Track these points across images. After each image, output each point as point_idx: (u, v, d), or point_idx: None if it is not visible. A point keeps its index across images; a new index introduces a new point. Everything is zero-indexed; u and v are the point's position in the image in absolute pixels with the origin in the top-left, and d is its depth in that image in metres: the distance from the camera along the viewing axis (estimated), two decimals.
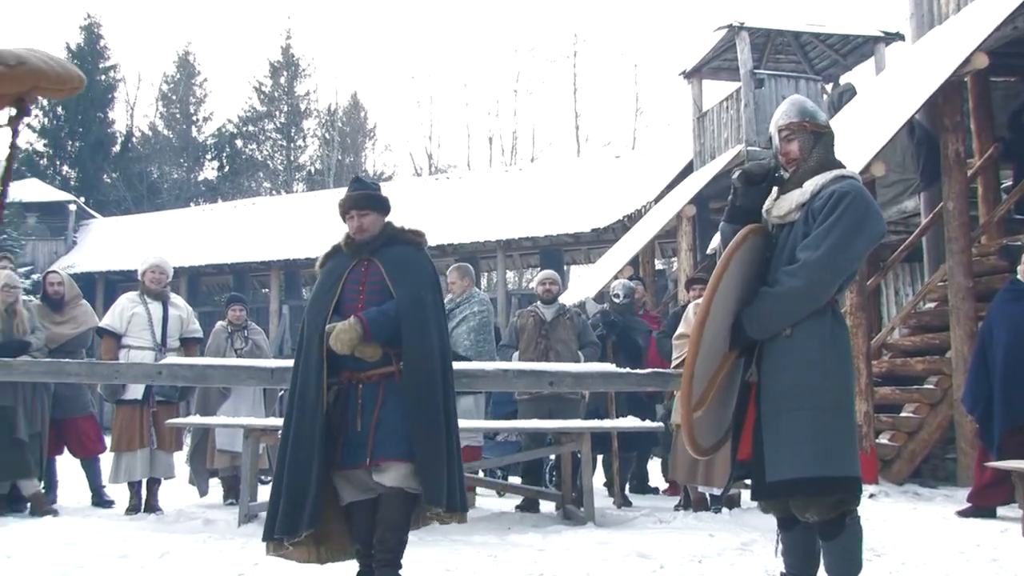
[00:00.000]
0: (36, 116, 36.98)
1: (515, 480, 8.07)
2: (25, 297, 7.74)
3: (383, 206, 4.15)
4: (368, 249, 4.05)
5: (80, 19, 39.82)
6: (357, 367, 3.83)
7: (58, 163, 36.75)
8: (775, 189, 3.48)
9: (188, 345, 7.33)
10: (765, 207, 3.49)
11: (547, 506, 7.11)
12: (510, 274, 25.82)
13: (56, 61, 1.68)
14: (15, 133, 1.72)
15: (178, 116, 41.43)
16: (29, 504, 6.95)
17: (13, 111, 1.65)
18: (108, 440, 7.28)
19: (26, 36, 56.74)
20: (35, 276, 17.54)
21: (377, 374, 3.84)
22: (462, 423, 6.22)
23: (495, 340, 7.62)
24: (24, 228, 24.22)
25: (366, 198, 4.10)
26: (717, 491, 6.26)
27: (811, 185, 3.35)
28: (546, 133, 63.73)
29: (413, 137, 62.20)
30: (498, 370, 5.82)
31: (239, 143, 41.23)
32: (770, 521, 3.74)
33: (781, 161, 3.48)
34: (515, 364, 6.77)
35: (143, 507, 6.94)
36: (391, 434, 3.72)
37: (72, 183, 34.84)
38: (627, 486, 8.14)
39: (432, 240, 16.45)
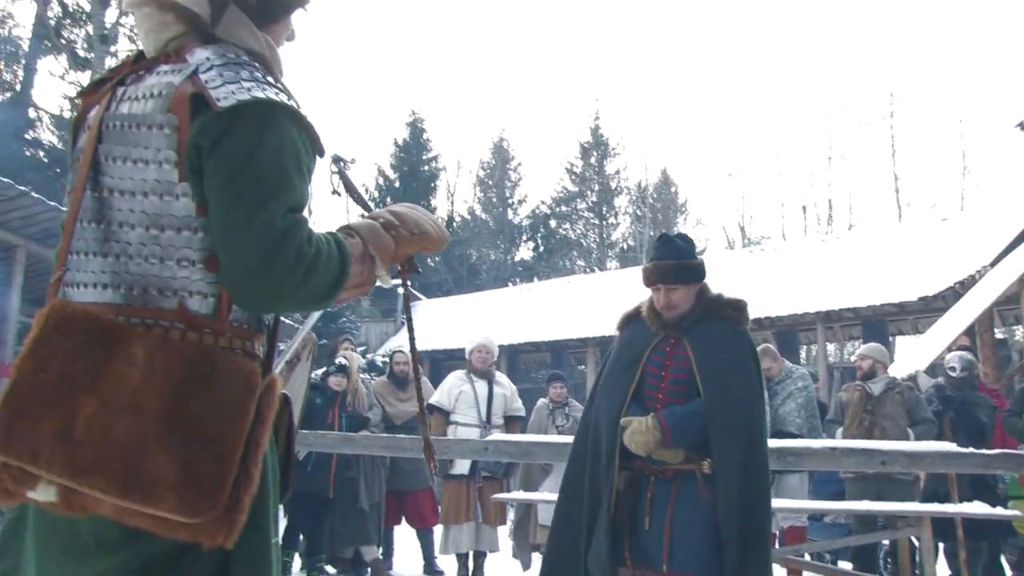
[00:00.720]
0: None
1: (845, 565, 7.58)
2: (364, 376, 8.40)
3: (697, 275, 3.63)
4: (678, 326, 3.59)
5: (406, 116, 43.55)
6: (651, 459, 3.45)
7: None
8: None
9: (511, 423, 7.59)
10: None
11: None
12: (831, 347, 24.60)
13: (436, 224, 1.94)
14: (407, 285, 2.04)
15: (494, 200, 43.72)
16: (369, 569, 7.45)
17: (406, 266, 1.96)
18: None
19: (361, 135, 62.87)
20: (369, 356, 19.05)
21: (672, 470, 3.46)
22: (787, 503, 5.95)
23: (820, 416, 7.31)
24: (359, 311, 26.44)
25: (676, 270, 3.57)
26: None
27: None
28: (864, 199, 61.12)
29: (725, 209, 62.16)
30: (825, 448, 5.52)
31: (553, 223, 42.80)
32: None
33: None
34: (844, 442, 6.40)
35: None
36: (688, 544, 3.34)
37: (399, 267, 37.70)
38: None
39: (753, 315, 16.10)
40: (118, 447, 1.44)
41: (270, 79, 1.68)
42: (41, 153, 26.43)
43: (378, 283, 1.88)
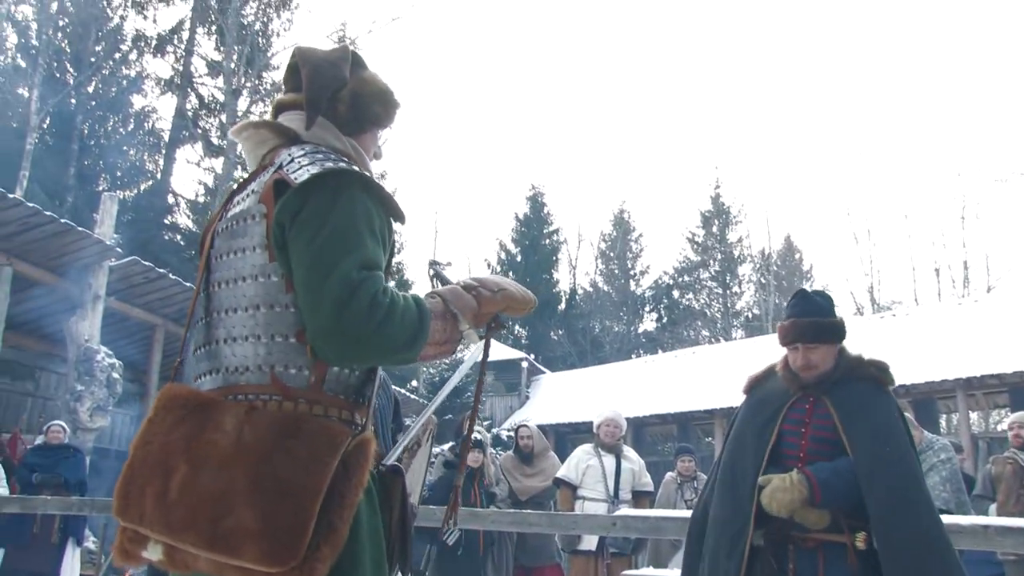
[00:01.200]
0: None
1: None
2: (491, 450, 8.42)
3: (838, 334, 3.39)
4: (818, 386, 3.33)
5: (526, 190, 44.14)
6: (792, 525, 3.15)
7: (510, 323, 40.28)
8: None
9: (640, 498, 7.46)
10: None
11: None
12: (973, 415, 23.45)
13: (520, 287, 2.07)
14: (488, 343, 2.13)
15: (616, 271, 43.71)
16: None
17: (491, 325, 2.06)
18: None
19: (482, 211, 64.05)
20: (494, 430, 19.10)
21: (815, 539, 3.14)
22: None
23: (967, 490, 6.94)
24: (484, 387, 26.55)
25: (815, 328, 3.34)
26: None
27: None
28: (1002, 259, 58.57)
29: (852, 275, 60.44)
30: (976, 525, 5.22)
31: (676, 293, 42.50)
32: None
33: None
34: (998, 519, 6.06)
35: None
36: None
37: (523, 341, 37.92)
38: None
39: None
40: (205, 505, 1.57)
41: (345, 159, 1.86)
42: (178, 237, 27.92)
43: (466, 340, 1.98)
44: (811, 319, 3.36)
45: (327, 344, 1.66)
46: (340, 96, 1.97)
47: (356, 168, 1.81)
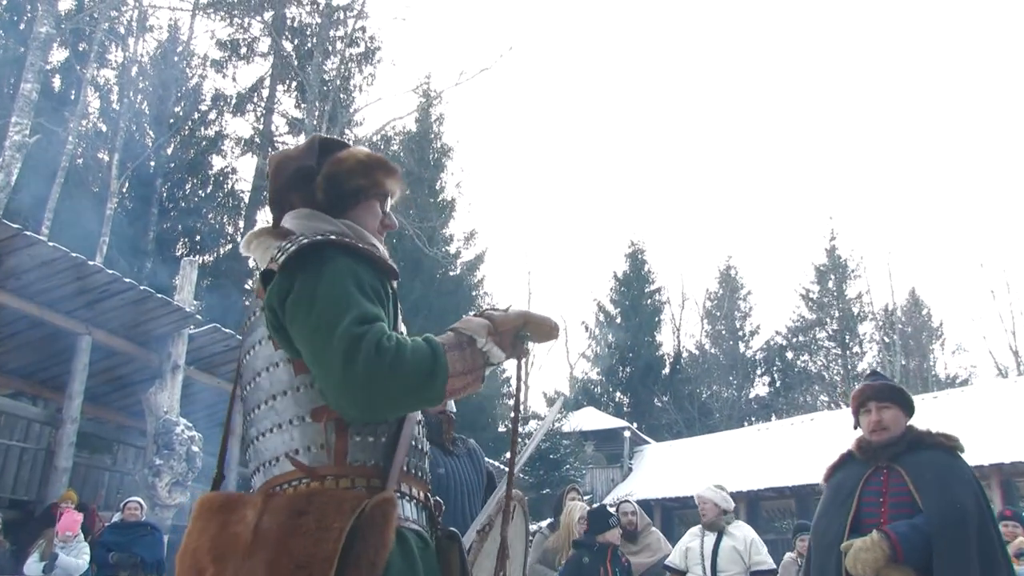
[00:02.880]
0: (589, 345, 41.08)
1: None
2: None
3: (908, 403, 3.84)
4: (888, 453, 3.70)
5: (625, 247, 44.10)
6: None
7: (611, 390, 40.03)
8: None
9: None
10: None
11: None
12: None
13: (543, 315, 2.15)
14: (520, 360, 2.15)
15: (724, 333, 43.23)
16: None
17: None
18: None
19: (578, 270, 64.14)
20: (595, 505, 18.86)
21: None
22: None
23: None
24: (583, 457, 26.37)
25: (887, 388, 3.84)
26: None
27: None
28: None
29: (991, 332, 58.19)
30: None
31: (789, 355, 41.74)
32: None
33: None
34: None
35: None
36: None
37: (625, 409, 37.60)
38: None
39: None
40: None
41: (318, 234, 1.96)
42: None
43: (492, 360, 2.02)
44: (882, 382, 3.87)
45: (346, 400, 1.75)
46: (315, 184, 2.10)
47: (334, 237, 1.94)
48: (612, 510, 7.52)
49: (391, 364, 1.72)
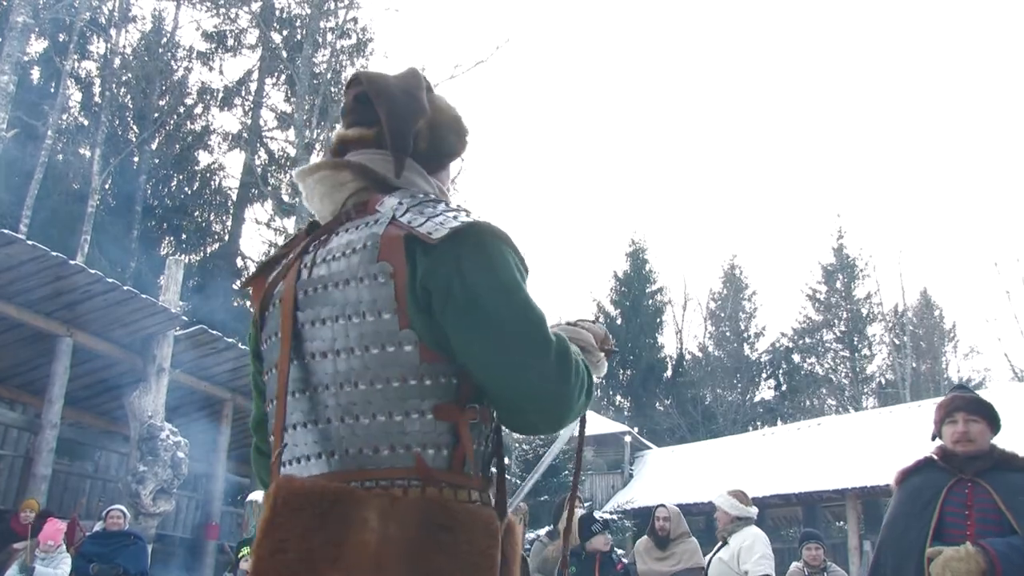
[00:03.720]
0: None
1: None
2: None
3: (996, 420, 3.79)
4: (974, 467, 3.60)
5: (625, 246, 44.10)
6: None
7: (611, 393, 40.03)
8: None
9: None
10: None
11: None
12: None
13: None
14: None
15: (728, 335, 43.21)
16: None
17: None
18: None
19: (577, 270, 64.17)
20: (596, 513, 18.83)
21: None
22: None
23: None
24: (583, 463, 26.30)
25: (978, 401, 3.79)
26: None
27: None
28: None
29: (1006, 334, 58.23)
30: None
31: (796, 358, 41.74)
32: None
33: None
34: None
35: None
36: None
37: (626, 413, 37.58)
38: None
39: None
40: None
41: (463, 209, 1.79)
42: (248, 303, 28.40)
43: (597, 375, 2.02)
44: (972, 395, 3.83)
45: (537, 407, 1.69)
46: (419, 130, 1.92)
47: (490, 222, 1.76)
48: (599, 516, 7.49)
49: (584, 381, 1.73)
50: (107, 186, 26.57)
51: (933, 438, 3.92)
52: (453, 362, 1.68)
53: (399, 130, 1.86)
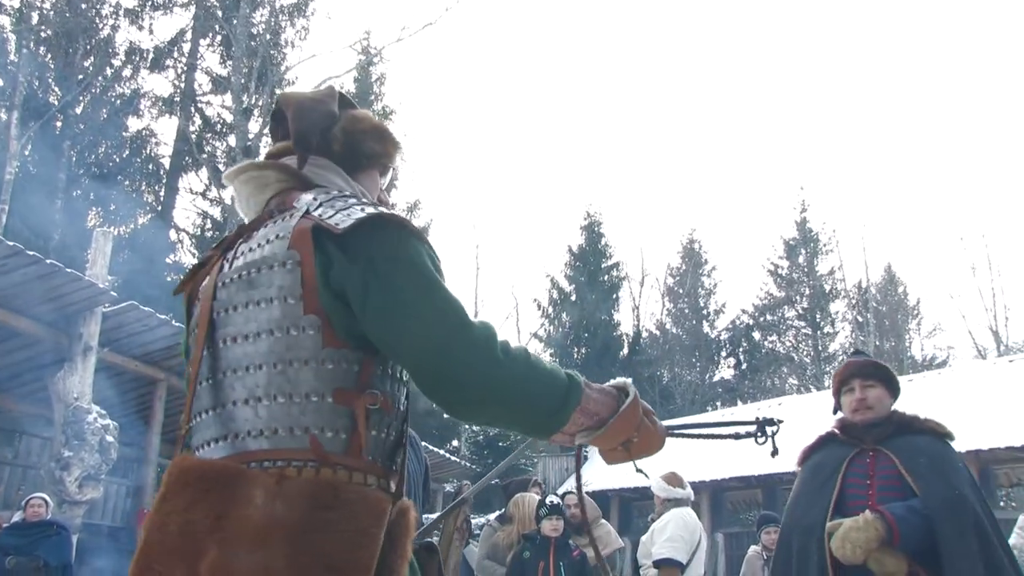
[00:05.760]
0: (542, 324, 41.19)
1: None
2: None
3: (893, 383, 3.88)
4: (874, 435, 3.68)
5: (580, 219, 44.18)
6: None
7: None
8: None
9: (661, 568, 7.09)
10: None
11: None
12: None
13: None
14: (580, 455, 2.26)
15: (687, 311, 43.52)
16: None
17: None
18: None
19: (530, 244, 64.20)
20: (550, 498, 18.91)
21: None
22: None
23: None
24: (534, 445, 26.41)
25: (873, 366, 3.88)
26: None
27: None
28: None
29: (971, 311, 59.22)
30: None
31: (757, 335, 42.18)
32: None
33: None
34: None
35: None
36: None
37: None
38: None
39: (1014, 439, 15.08)
40: None
41: (376, 204, 1.94)
42: (182, 277, 28.04)
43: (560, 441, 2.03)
44: (866, 359, 3.91)
45: (431, 364, 1.72)
46: (332, 135, 2.12)
47: (397, 214, 1.89)
48: (553, 500, 7.50)
49: (500, 357, 1.74)
50: (27, 152, 26.07)
51: (835, 412, 4.01)
52: (358, 349, 1.81)
53: (300, 128, 2.07)
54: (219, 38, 30.35)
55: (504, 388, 1.74)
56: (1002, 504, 21.70)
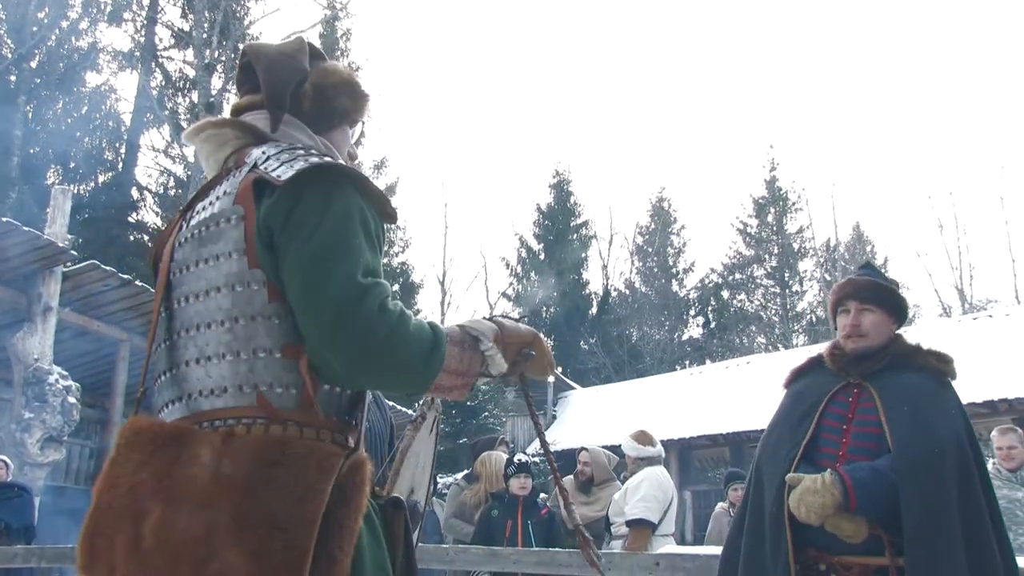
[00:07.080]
0: (510, 283, 41.20)
1: None
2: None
3: (898, 307, 3.44)
4: (862, 367, 3.32)
5: (549, 177, 44.08)
6: (828, 545, 3.08)
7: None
8: None
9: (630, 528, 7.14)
10: None
11: None
12: None
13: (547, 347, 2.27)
14: (524, 379, 2.29)
15: (656, 270, 43.58)
16: None
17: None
18: None
19: (499, 202, 64.06)
20: (518, 456, 18.97)
21: (858, 564, 3.05)
22: None
23: None
24: (504, 403, 26.52)
25: (873, 288, 3.40)
26: None
27: None
28: None
29: (937, 269, 59.66)
30: None
31: (725, 294, 42.37)
32: None
33: None
34: None
35: None
36: None
37: None
38: None
39: (976, 396, 15.25)
40: (186, 549, 1.59)
41: (327, 156, 1.92)
42: (145, 237, 27.83)
43: (491, 368, 2.03)
44: (870, 278, 3.44)
45: (333, 354, 1.70)
46: (303, 91, 2.08)
47: (344, 163, 1.89)
48: (521, 459, 7.53)
49: (391, 330, 1.71)
50: None
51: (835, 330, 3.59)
52: None
53: (274, 87, 2.03)
54: None
55: (389, 360, 1.72)
56: None
